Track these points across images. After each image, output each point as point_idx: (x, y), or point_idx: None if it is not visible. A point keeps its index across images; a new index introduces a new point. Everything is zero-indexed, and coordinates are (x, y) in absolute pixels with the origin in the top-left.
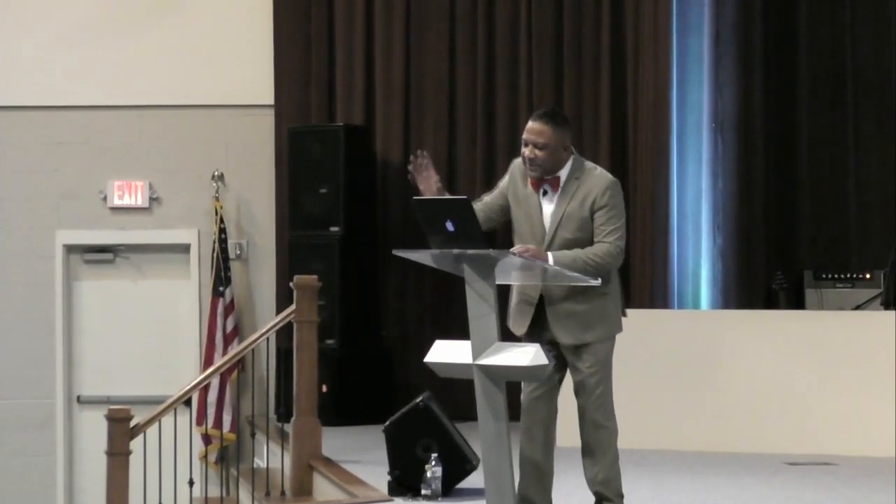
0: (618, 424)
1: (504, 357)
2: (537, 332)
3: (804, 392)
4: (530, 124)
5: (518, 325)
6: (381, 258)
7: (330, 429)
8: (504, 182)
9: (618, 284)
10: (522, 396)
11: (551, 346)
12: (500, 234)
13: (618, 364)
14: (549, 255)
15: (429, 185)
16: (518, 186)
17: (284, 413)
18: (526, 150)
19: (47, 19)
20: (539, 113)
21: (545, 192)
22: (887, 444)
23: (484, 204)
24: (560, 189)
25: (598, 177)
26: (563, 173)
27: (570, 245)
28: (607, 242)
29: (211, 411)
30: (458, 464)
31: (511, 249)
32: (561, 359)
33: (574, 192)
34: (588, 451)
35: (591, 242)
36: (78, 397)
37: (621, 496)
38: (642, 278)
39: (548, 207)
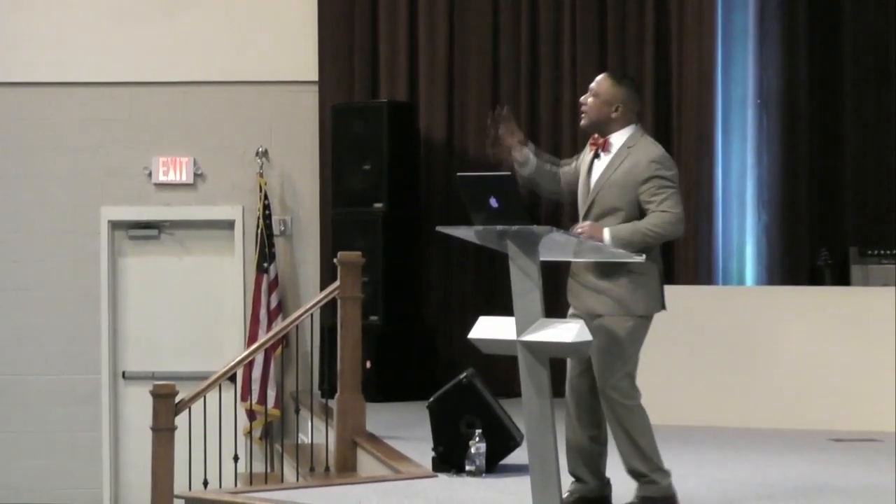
0: (643, 404)
1: (548, 333)
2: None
3: (849, 368)
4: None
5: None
6: (424, 235)
7: (373, 405)
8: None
9: (657, 269)
10: (567, 376)
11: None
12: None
13: (662, 340)
14: (606, 230)
15: (511, 138)
16: (584, 156)
17: (328, 389)
18: (581, 98)
19: None
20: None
21: (597, 156)
22: None
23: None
24: (612, 154)
25: (648, 149)
26: (618, 139)
27: (609, 211)
28: (662, 211)
29: (255, 387)
30: (502, 440)
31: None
32: None
33: (623, 161)
34: (612, 430)
35: (630, 211)
36: (123, 373)
37: (660, 471)
38: (687, 254)
39: (596, 171)
